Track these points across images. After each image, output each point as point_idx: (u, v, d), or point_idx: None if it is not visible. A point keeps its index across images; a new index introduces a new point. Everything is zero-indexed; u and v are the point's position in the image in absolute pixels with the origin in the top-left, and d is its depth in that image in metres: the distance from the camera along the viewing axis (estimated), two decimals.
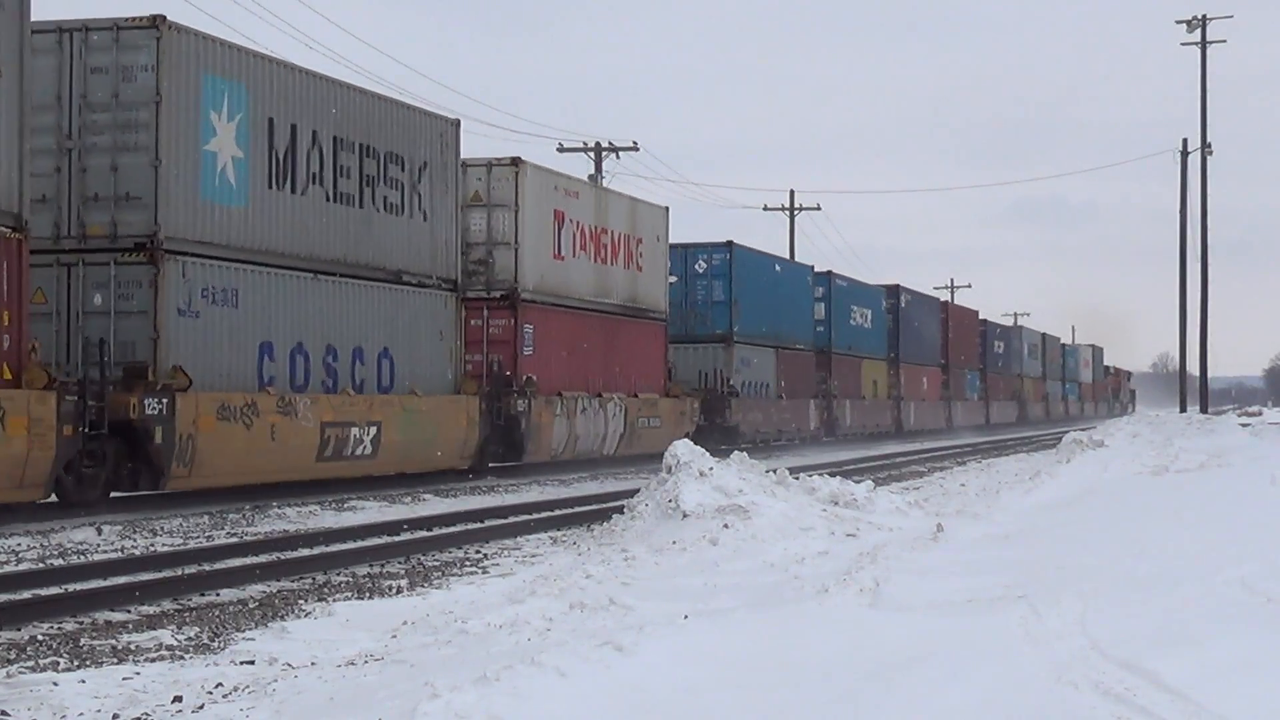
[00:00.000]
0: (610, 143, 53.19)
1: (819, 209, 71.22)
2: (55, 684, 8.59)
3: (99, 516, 18.82)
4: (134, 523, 18.65)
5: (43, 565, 14.23)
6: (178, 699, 8.11)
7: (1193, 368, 57.10)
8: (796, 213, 69.62)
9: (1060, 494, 22.08)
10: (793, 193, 70.24)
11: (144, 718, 7.80)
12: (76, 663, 9.46)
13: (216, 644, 10.16)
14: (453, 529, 18.42)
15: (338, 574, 14.21)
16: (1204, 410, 53.27)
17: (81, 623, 11.11)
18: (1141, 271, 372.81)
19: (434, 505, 22.67)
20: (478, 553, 16.14)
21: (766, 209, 70.95)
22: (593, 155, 52.98)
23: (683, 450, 17.63)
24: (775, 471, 18.28)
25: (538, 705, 7.11)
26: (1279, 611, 9.44)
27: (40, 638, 10.43)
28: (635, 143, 53.22)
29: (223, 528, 18.60)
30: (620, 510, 17.40)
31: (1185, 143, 54.64)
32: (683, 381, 40.46)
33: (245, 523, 19.27)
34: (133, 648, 10.06)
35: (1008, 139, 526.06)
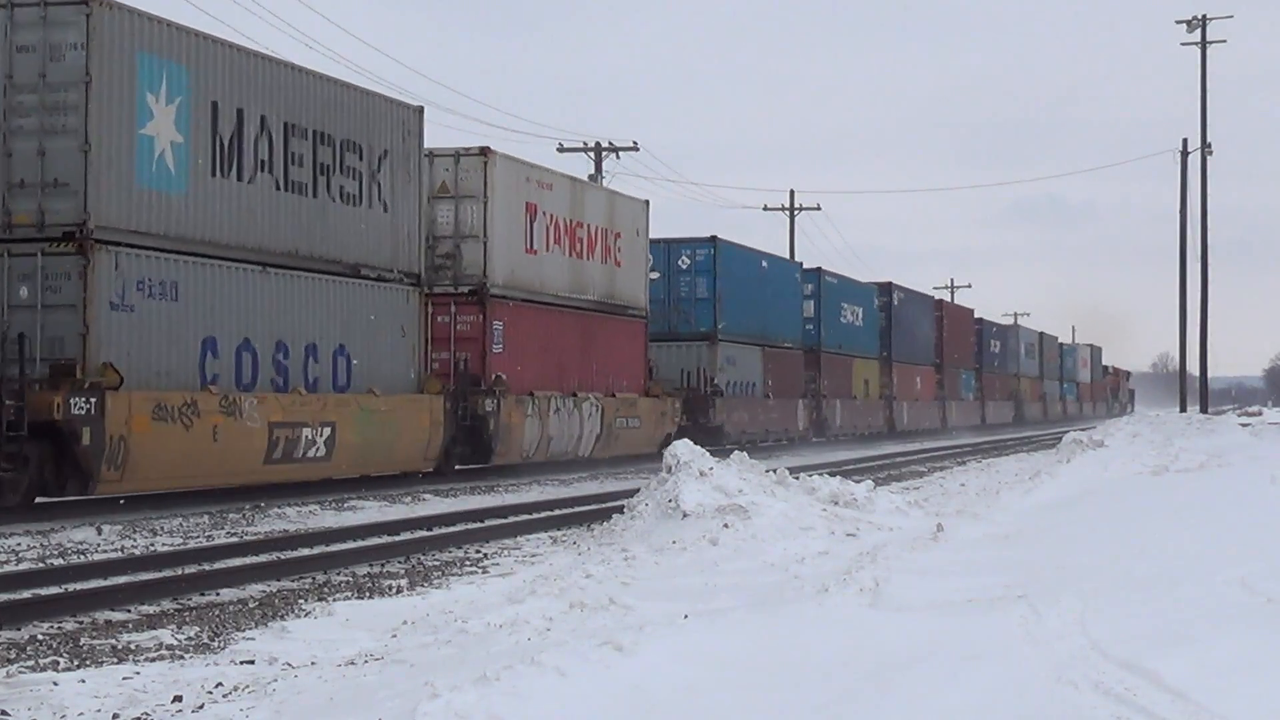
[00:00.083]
0: (610, 143, 53.23)
1: (819, 209, 71.32)
2: (55, 684, 8.59)
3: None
4: (134, 523, 18.65)
5: (43, 565, 14.24)
6: (178, 699, 8.12)
7: (1193, 368, 57.18)
8: (796, 213, 69.71)
9: (1060, 494, 22.09)
10: (793, 193, 70.36)
11: (144, 717, 7.80)
12: (76, 662, 9.46)
13: (216, 644, 10.16)
14: (453, 529, 18.42)
15: (338, 574, 14.21)
16: (1204, 410, 53.30)
17: (81, 622, 11.11)
18: (1141, 271, 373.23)
19: (434, 505, 22.67)
20: (478, 552, 16.14)
21: (766, 209, 71.04)
22: (593, 155, 53.01)
23: (683, 450, 17.63)
24: (775, 471, 18.29)
25: (538, 705, 7.11)
26: (1279, 611, 9.44)
27: (40, 637, 10.44)
28: (635, 143, 53.31)
29: (223, 527, 18.60)
30: (620, 510, 17.40)
31: (1185, 143, 54.70)
32: (664, 381, 39.19)
33: (245, 522, 19.27)
34: (133, 647, 10.06)
35: (1008, 139, 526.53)
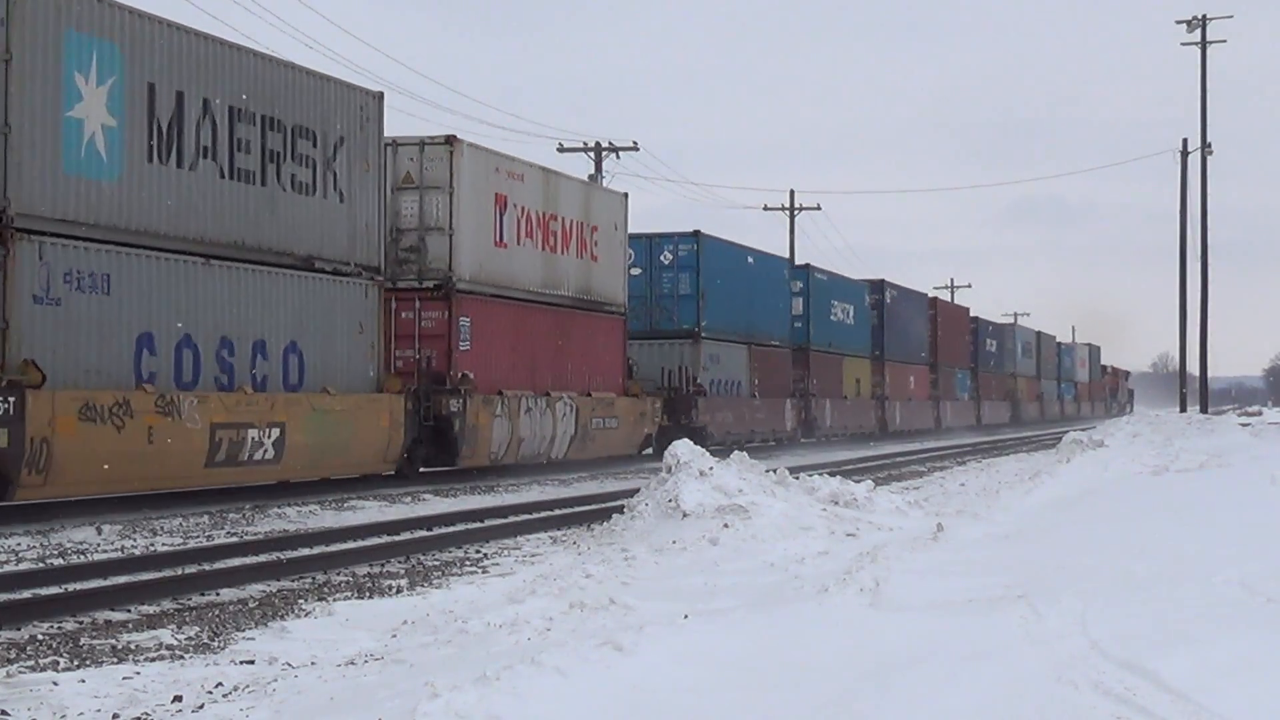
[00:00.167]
0: (610, 143, 53.21)
1: (819, 209, 71.33)
2: (55, 684, 8.59)
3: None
4: (134, 522, 18.65)
5: (43, 565, 14.24)
6: (178, 699, 8.12)
7: (1193, 368, 57.22)
8: (796, 213, 69.73)
9: (1060, 494, 22.10)
10: (793, 193, 70.36)
11: (144, 717, 7.80)
12: (76, 662, 9.46)
13: (216, 643, 10.16)
14: (452, 529, 18.42)
15: (338, 573, 14.21)
16: (1204, 410, 53.34)
17: (81, 622, 11.11)
18: (1141, 271, 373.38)
19: (434, 505, 22.68)
20: (478, 552, 16.14)
21: (766, 209, 71.08)
22: (593, 155, 53.01)
23: (683, 450, 17.65)
24: (775, 471, 18.31)
25: (538, 705, 7.11)
26: (1279, 611, 9.44)
27: (40, 637, 10.43)
28: (635, 143, 53.27)
29: (223, 527, 18.60)
30: (620, 510, 17.41)
31: (1185, 143, 54.76)
32: (645, 380, 37.87)
33: (245, 522, 19.27)
34: (133, 647, 10.06)
35: (1008, 139, 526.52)
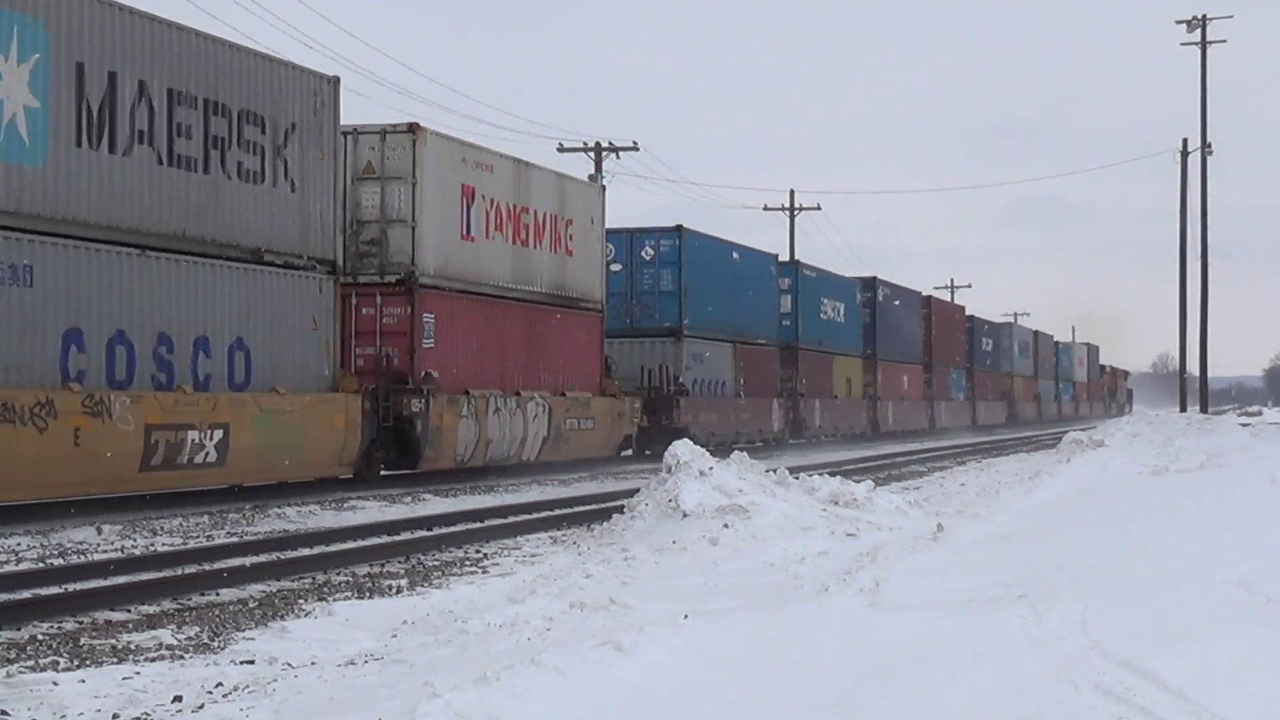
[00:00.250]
0: (610, 143, 53.19)
1: (819, 209, 71.33)
2: (55, 684, 8.59)
3: None
4: (134, 522, 18.65)
5: (43, 565, 14.24)
6: (178, 699, 8.12)
7: (1193, 368, 57.20)
8: (796, 213, 69.74)
9: (1060, 494, 22.12)
10: (793, 193, 70.35)
11: (144, 717, 7.80)
12: (76, 662, 9.46)
13: (216, 644, 10.17)
14: (453, 529, 18.42)
15: (338, 573, 14.21)
16: (1204, 410, 53.35)
17: (81, 622, 11.11)
18: (1141, 271, 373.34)
19: (434, 505, 22.68)
20: (478, 552, 16.14)
21: (766, 209, 71.04)
22: (593, 155, 53.02)
23: (683, 450, 17.66)
24: (775, 471, 18.32)
25: (538, 705, 7.11)
26: (1279, 611, 9.44)
27: (40, 637, 10.43)
28: (635, 143, 53.24)
29: (223, 527, 18.60)
30: (620, 510, 17.42)
31: (1185, 143, 54.77)
32: (624, 379, 36.64)
33: (245, 522, 19.27)
34: (133, 647, 10.06)
35: (1008, 139, 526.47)
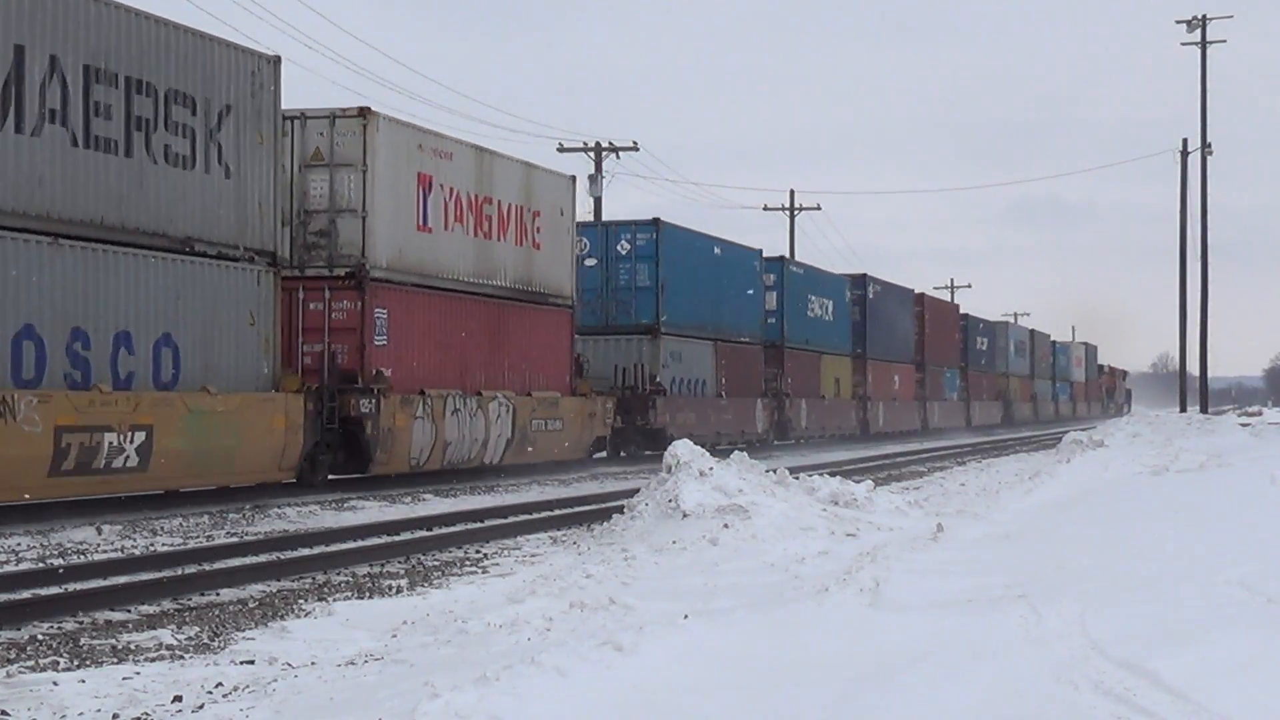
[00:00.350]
0: (610, 143, 53.23)
1: (819, 209, 71.38)
2: (55, 684, 8.59)
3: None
4: (134, 523, 18.65)
5: (43, 565, 14.24)
6: (178, 699, 8.12)
7: (1193, 368, 57.24)
8: (796, 213, 69.78)
9: (1060, 494, 22.12)
10: (793, 193, 70.45)
11: (144, 717, 7.80)
12: (76, 662, 9.46)
13: (216, 644, 10.17)
14: (452, 529, 18.43)
15: (338, 573, 14.21)
16: (1204, 410, 53.38)
17: (81, 622, 11.11)
18: (1141, 271, 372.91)
19: (434, 505, 22.69)
20: (478, 552, 16.15)
21: (766, 209, 71.17)
22: (593, 155, 53.04)
23: (683, 450, 17.66)
24: (775, 471, 18.33)
25: (538, 705, 7.11)
26: (1279, 611, 9.44)
27: (40, 637, 10.43)
28: (635, 143, 53.31)
29: (223, 527, 18.61)
30: (620, 510, 17.43)
31: (1185, 143, 54.84)
32: (597, 378, 35.26)
33: (245, 522, 19.27)
34: (133, 647, 10.06)
35: (1008, 139, 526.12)
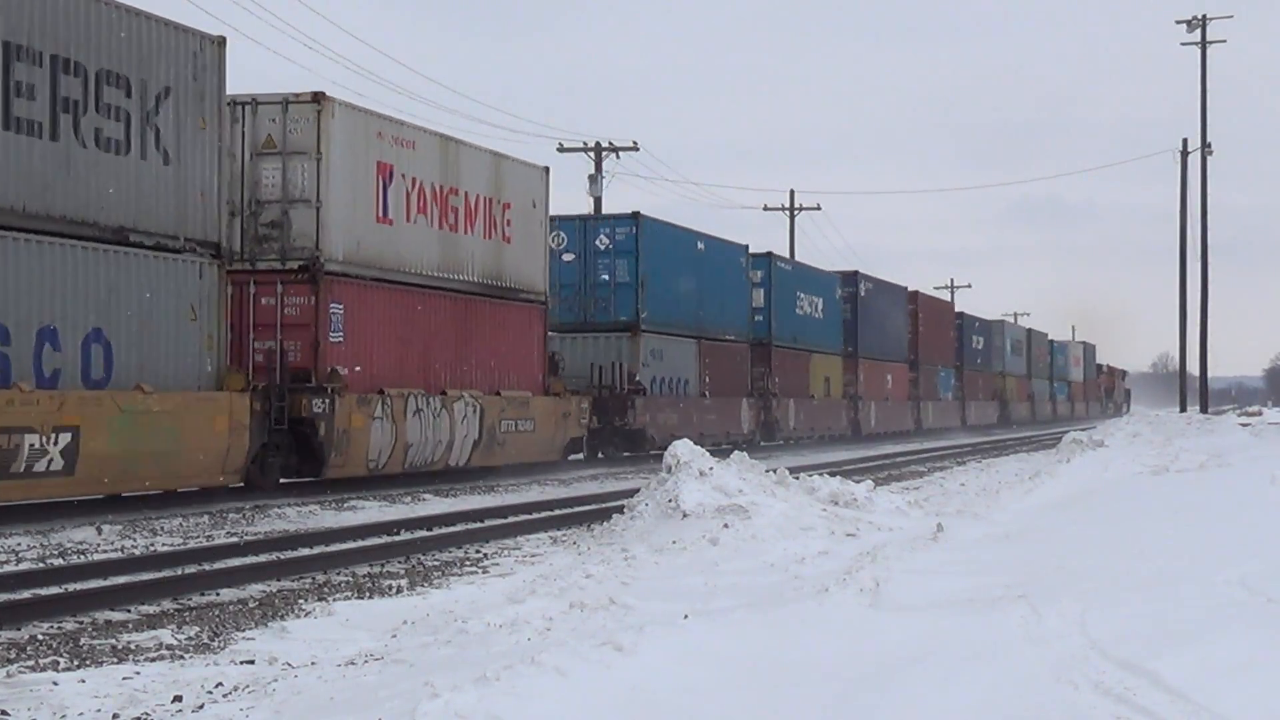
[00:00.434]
0: (610, 143, 53.23)
1: (819, 209, 71.37)
2: (55, 684, 8.59)
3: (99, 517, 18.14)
4: (134, 522, 18.65)
5: (43, 565, 14.24)
6: (178, 699, 8.12)
7: (1193, 367, 57.22)
8: (796, 213, 69.77)
9: (1060, 494, 22.11)
10: (793, 193, 70.44)
11: (144, 717, 7.81)
12: (76, 662, 9.47)
13: (216, 644, 10.17)
14: (453, 529, 18.43)
15: (338, 573, 14.21)
16: (1204, 410, 53.36)
17: (81, 622, 11.11)
18: (1141, 271, 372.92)
19: (434, 505, 22.69)
20: (478, 552, 16.15)
21: (766, 209, 71.17)
22: (593, 155, 53.03)
23: (683, 450, 17.66)
24: (775, 471, 18.33)
25: (538, 705, 7.11)
26: (1279, 611, 9.44)
27: (40, 637, 10.44)
28: (635, 143, 53.30)
29: (223, 527, 18.61)
30: (620, 510, 17.43)
31: (1185, 143, 54.82)
32: (576, 377, 34.27)
33: (245, 522, 19.27)
34: (133, 647, 10.06)
35: (1008, 139, 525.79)
